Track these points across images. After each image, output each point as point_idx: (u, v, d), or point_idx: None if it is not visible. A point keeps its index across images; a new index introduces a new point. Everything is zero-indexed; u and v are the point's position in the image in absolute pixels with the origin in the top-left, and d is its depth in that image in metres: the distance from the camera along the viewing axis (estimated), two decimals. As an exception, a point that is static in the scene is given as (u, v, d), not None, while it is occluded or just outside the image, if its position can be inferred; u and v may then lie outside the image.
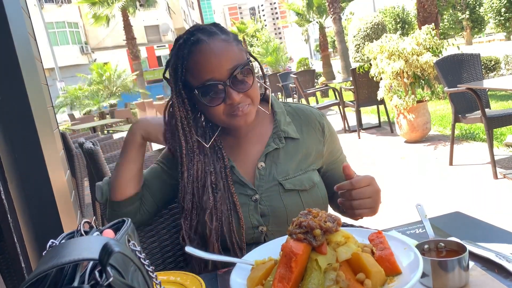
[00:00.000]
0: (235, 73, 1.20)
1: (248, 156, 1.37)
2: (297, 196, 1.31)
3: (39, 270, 0.50)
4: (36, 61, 2.35)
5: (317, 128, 1.41)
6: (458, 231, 1.06)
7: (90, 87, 21.34)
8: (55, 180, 1.95)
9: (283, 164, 1.34)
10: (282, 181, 1.31)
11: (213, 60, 1.19)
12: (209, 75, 1.19)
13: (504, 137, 5.26)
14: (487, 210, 3.41)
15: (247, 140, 1.38)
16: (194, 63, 1.21)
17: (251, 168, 1.34)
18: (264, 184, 1.31)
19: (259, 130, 1.39)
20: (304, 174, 1.35)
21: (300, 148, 1.37)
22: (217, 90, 1.21)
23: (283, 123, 1.38)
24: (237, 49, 1.25)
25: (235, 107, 1.22)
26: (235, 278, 0.85)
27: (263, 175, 1.32)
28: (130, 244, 0.63)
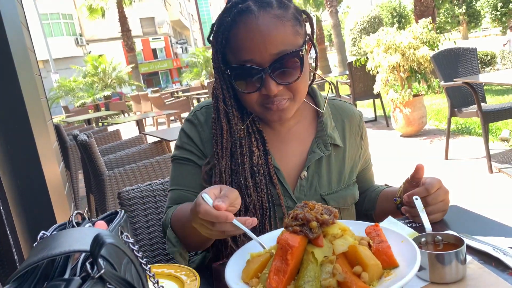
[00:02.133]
0: (279, 61, 1.01)
1: (290, 157, 1.20)
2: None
3: (29, 262, 0.48)
4: (29, 51, 2.32)
5: (357, 132, 1.28)
6: (455, 225, 1.05)
7: (85, 79, 21.21)
8: (48, 172, 1.93)
9: (326, 176, 1.20)
10: (325, 195, 1.18)
11: (256, 39, 1.00)
12: (248, 56, 1.02)
13: (500, 131, 5.28)
14: (482, 204, 3.42)
15: (289, 137, 1.21)
16: (235, 37, 1.03)
17: (291, 174, 1.19)
18: (304, 197, 1.17)
19: (302, 127, 1.23)
20: (347, 189, 1.23)
21: (343, 157, 1.23)
22: (253, 76, 1.03)
23: (329, 127, 1.21)
24: (291, 31, 1.03)
25: (271, 99, 1.05)
26: (230, 271, 0.84)
27: (304, 186, 1.18)
28: (123, 236, 0.61)
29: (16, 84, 1.78)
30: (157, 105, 12.39)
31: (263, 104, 1.08)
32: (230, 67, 1.06)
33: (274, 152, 1.19)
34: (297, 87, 1.07)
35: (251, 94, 1.06)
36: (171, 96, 16.48)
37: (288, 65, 1.03)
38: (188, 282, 0.91)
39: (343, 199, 1.21)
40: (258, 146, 1.15)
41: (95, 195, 3.60)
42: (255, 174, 1.13)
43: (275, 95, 1.04)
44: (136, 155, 3.84)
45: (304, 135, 1.22)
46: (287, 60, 1.02)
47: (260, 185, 1.13)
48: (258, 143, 1.15)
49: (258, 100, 1.08)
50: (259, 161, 1.14)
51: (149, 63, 39.57)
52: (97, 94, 19.91)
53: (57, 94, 20.38)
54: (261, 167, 1.14)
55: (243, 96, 1.08)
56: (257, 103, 1.08)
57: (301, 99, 1.12)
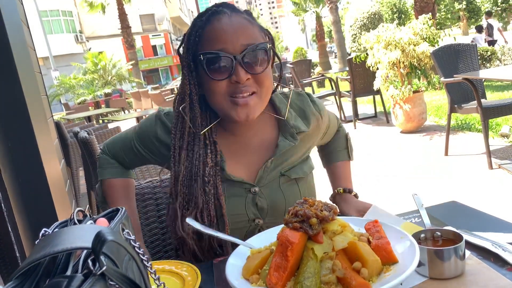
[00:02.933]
0: (249, 51, 1.10)
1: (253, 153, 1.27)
2: (295, 185, 1.27)
3: (31, 259, 0.49)
4: (29, 49, 2.32)
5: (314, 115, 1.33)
6: (454, 221, 1.06)
7: (85, 76, 21.19)
8: (49, 169, 1.94)
9: (290, 158, 1.28)
10: (285, 172, 1.26)
11: (229, 31, 1.10)
12: (220, 45, 1.09)
13: (500, 127, 5.28)
14: (482, 200, 3.43)
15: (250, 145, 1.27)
16: (208, 31, 1.12)
17: (255, 165, 1.25)
18: (266, 176, 1.24)
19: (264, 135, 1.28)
20: (305, 161, 1.32)
21: (306, 139, 1.31)
22: (225, 63, 1.10)
23: (290, 118, 1.28)
24: (259, 32, 1.16)
25: (239, 89, 1.11)
26: (231, 267, 0.84)
27: (267, 169, 1.24)
28: (124, 233, 0.62)
29: (17, 81, 1.78)
30: (157, 101, 12.39)
31: (231, 97, 1.13)
32: (203, 53, 1.11)
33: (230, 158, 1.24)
34: (263, 81, 1.14)
35: (221, 82, 1.11)
36: (171, 93, 16.44)
37: (257, 56, 1.12)
38: (189, 279, 0.92)
39: (301, 170, 1.29)
40: (212, 158, 1.20)
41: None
42: (205, 184, 1.19)
43: (244, 83, 1.11)
44: (136, 152, 3.83)
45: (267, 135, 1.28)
46: (256, 51, 1.12)
47: (208, 195, 1.18)
48: (212, 155, 1.21)
49: (227, 91, 1.13)
50: (211, 172, 1.19)
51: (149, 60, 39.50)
52: (97, 91, 19.90)
53: (57, 92, 20.36)
54: (212, 177, 1.19)
55: (213, 85, 1.13)
56: (225, 95, 1.13)
57: (266, 96, 1.18)
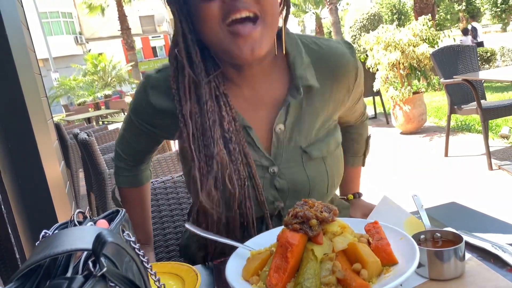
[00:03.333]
0: None
1: (261, 117, 1.07)
2: (321, 163, 1.09)
3: (31, 261, 0.49)
4: (29, 51, 2.32)
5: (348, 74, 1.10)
6: (454, 222, 1.06)
7: (85, 77, 21.20)
8: (49, 171, 1.94)
9: (307, 125, 1.07)
10: (306, 147, 1.07)
11: None
12: None
13: (499, 128, 5.28)
14: (482, 201, 3.43)
15: (260, 98, 1.07)
16: None
17: (266, 132, 1.06)
18: (283, 152, 1.06)
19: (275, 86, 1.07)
20: (330, 135, 1.12)
21: (326, 101, 1.08)
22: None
23: (299, 67, 1.04)
24: None
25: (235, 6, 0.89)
26: (231, 269, 0.84)
27: (281, 141, 1.06)
28: (124, 234, 0.62)
29: (17, 83, 1.78)
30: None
31: (229, 27, 0.92)
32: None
33: (245, 114, 1.06)
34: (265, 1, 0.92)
35: (212, 3, 0.90)
36: (171, 94, 16.41)
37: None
38: (189, 280, 0.92)
39: (326, 146, 1.10)
40: (227, 110, 1.02)
41: (96, 194, 3.60)
42: (228, 142, 1.01)
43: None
44: (136, 153, 3.83)
45: (277, 87, 1.07)
46: None
47: (234, 154, 1.02)
48: (226, 107, 1.02)
49: (220, 15, 0.91)
50: (230, 127, 1.02)
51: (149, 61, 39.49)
52: (97, 92, 19.92)
53: (57, 93, 20.37)
54: (233, 133, 1.02)
55: (204, 9, 0.92)
56: (220, 21, 0.92)
57: (273, 23, 0.95)
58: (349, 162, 1.37)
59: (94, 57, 21.77)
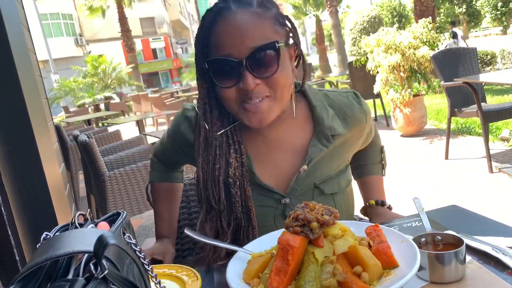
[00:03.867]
0: (256, 53, 1.00)
1: (281, 159, 1.17)
2: (331, 200, 1.17)
3: (33, 263, 0.49)
4: (30, 53, 2.32)
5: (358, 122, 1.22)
6: (454, 225, 1.06)
7: (85, 79, 21.21)
8: (49, 173, 1.94)
9: (325, 166, 1.17)
10: (319, 184, 1.16)
11: (234, 34, 1.01)
12: (226, 50, 1.02)
13: (500, 131, 5.28)
14: (482, 204, 3.43)
15: (278, 145, 1.18)
16: (214, 34, 1.04)
17: (286, 172, 1.16)
18: (299, 187, 1.15)
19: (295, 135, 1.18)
20: (342, 174, 1.21)
21: (344, 145, 1.21)
22: (232, 70, 1.03)
23: (326, 119, 1.16)
24: (270, 27, 1.04)
25: (250, 95, 1.04)
26: (232, 271, 0.84)
27: (300, 178, 1.15)
28: (125, 236, 0.62)
29: (17, 85, 1.78)
30: (157, 105, 12.39)
31: (242, 103, 1.06)
32: (208, 60, 1.05)
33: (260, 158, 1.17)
34: (276, 83, 1.05)
35: (229, 90, 1.05)
36: (171, 96, 16.47)
37: (265, 59, 1.02)
38: (190, 283, 0.92)
39: (337, 184, 1.19)
40: (237, 157, 1.13)
41: (96, 196, 3.60)
42: (230, 186, 1.11)
43: (252, 89, 1.03)
44: (136, 155, 3.84)
45: (298, 137, 1.18)
46: (264, 53, 1.02)
47: (235, 197, 1.11)
48: (236, 154, 1.13)
49: (236, 98, 1.06)
50: (236, 173, 1.12)
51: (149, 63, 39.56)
52: (97, 94, 19.92)
53: (57, 95, 20.38)
54: (238, 179, 1.12)
55: (223, 92, 1.07)
56: (236, 102, 1.07)
57: (282, 97, 1.08)
58: (366, 170, 1.45)
59: (94, 59, 21.78)
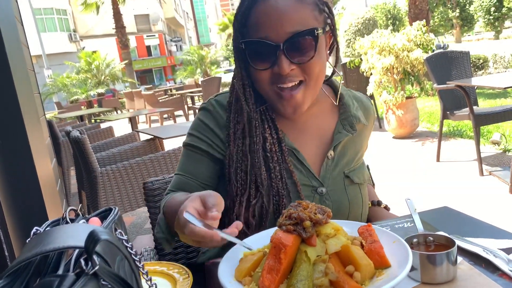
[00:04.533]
0: (294, 38, 1.01)
1: (310, 142, 1.19)
2: (358, 190, 1.20)
3: (22, 258, 0.48)
4: (23, 47, 2.30)
5: (372, 118, 1.31)
6: (446, 226, 1.06)
7: (78, 75, 21.08)
8: (40, 168, 1.92)
9: (350, 154, 1.21)
10: (348, 173, 1.19)
11: (273, 17, 1.01)
12: (264, 32, 1.03)
13: (491, 134, 5.32)
14: (473, 206, 3.45)
15: (307, 127, 1.20)
16: (253, 14, 1.05)
17: (316, 156, 1.18)
18: (329, 175, 1.16)
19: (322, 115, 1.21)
20: (363, 166, 1.28)
21: (364, 137, 1.27)
22: (268, 53, 1.03)
23: (352, 107, 1.22)
24: (310, 13, 1.04)
25: (283, 79, 1.05)
26: (223, 269, 0.84)
27: (329, 165, 1.17)
28: (117, 232, 0.61)
29: (10, 78, 1.76)
30: (150, 102, 12.33)
31: (275, 87, 1.07)
32: (245, 41, 1.06)
33: (292, 138, 1.17)
34: (311, 69, 1.05)
35: (264, 71, 1.06)
36: (165, 94, 16.40)
37: (303, 44, 1.03)
38: (181, 280, 0.91)
39: (362, 175, 1.23)
40: (272, 133, 1.14)
41: (87, 192, 3.58)
42: (269, 160, 1.11)
43: (287, 73, 1.03)
44: (128, 152, 3.82)
45: (324, 122, 1.21)
46: (302, 39, 1.02)
47: (274, 172, 1.11)
48: (271, 130, 1.14)
49: (271, 80, 1.07)
50: (273, 148, 1.12)
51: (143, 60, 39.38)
52: (90, 90, 19.80)
53: (50, 90, 20.23)
54: (275, 154, 1.12)
55: (257, 74, 1.07)
56: (270, 84, 1.07)
57: (316, 85, 1.10)
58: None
59: (87, 55, 21.66)
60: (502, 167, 4.28)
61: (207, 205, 0.85)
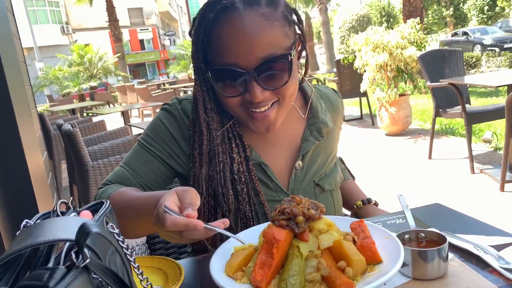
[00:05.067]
0: (266, 64, 0.93)
1: (278, 154, 1.15)
2: (330, 197, 1.18)
3: (11, 250, 0.48)
4: (14, 38, 2.27)
5: (341, 114, 1.28)
6: (437, 223, 1.07)
7: (70, 68, 20.90)
8: (31, 161, 1.90)
9: (321, 160, 1.18)
10: (318, 181, 1.16)
11: (242, 41, 0.92)
12: (232, 59, 0.93)
13: (482, 133, 5.36)
14: (464, 203, 3.48)
15: (275, 137, 1.16)
16: (217, 37, 0.95)
17: (284, 168, 1.14)
18: (299, 187, 1.14)
19: (291, 127, 1.17)
20: (335, 170, 1.22)
21: (332, 139, 1.22)
22: (237, 79, 0.95)
23: (320, 112, 1.18)
24: (280, 32, 0.96)
25: (256, 105, 0.98)
26: (215, 264, 0.84)
27: (299, 176, 1.14)
28: (108, 226, 0.61)
29: (0, 70, 1.74)
30: (143, 96, 12.27)
31: (247, 109, 1.00)
32: (212, 68, 0.98)
33: (260, 152, 1.13)
34: (285, 92, 1.00)
35: (233, 98, 0.99)
36: (158, 88, 16.34)
37: (276, 69, 0.96)
38: (173, 275, 0.91)
39: (333, 179, 1.19)
40: (239, 152, 1.08)
41: (78, 186, 3.56)
42: (236, 182, 1.07)
43: (260, 101, 0.97)
44: (120, 146, 3.80)
45: (293, 129, 1.17)
46: (275, 64, 0.95)
47: (241, 194, 1.07)
48: (239, 149, 1.09)
49: (241, 103, 1.00)
50: (240, 168, 1.08)
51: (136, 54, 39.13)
52: (82, 84, 19.65)
53: (41, 83, 20.05)
54: (242, 174, 1.08)
55: (225, 100, 1.00)
56: (240, 108, 1.01)
57: (290, 103, 1.05)
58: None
59: (80, 48, 21.47)
60: (493, 165, 4.31)
61: (183, 203, 0.81)
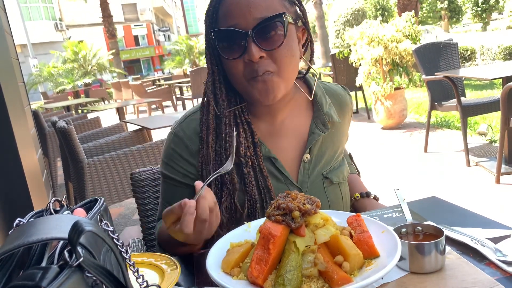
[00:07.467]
0: (262, 24, 1.01)
1: (287, 148, 1.18)
2: (338, 189, 1.22)
3: (4, 249, 0.47)
4: (6, 34, 2.25)
5: (349, 110, 1.31)
6: (434, 216, 1.07)
7: (65, 65, 20.78)
8: (25, 159, 1.89)
9: (327, 153, 1.21)
10: (326, 174, 1.19)
11: (242, 4, 1.02)
12: (233, 21, 1.03)
13: (478, 125, 5.38)
14: (460, 196, 3.49)
15: (283, 129, 1.19)
16: (224, 6, 1.05)
17: (293, 160, 1.18)
18: (307, 179, 1.17)
19: (297, 114, 1.21)
20: (343, 164, 1.26)
21: (340, 134, 1.26)
22: (237, 41, 1.03)
23: (325, 105, 1.21)
24: (279, 2, 1.05)
25: (255, 68, 1.04)
26: (212, 260, 0.83)
27: (307, 169, 1.17)
28: (102, 224, 0.60)
29: (-8, 67, 1.72)
30: (138, 93, 12.21)
31: (250, 78, 1.05)
32: (214, 30, 1.06)
33: (269, 144, 1.17)
34: (281, 58, 1.04)
35: (235, 61, 1.05)
36: (153, 84, 16.26)
37: (271, 30, 1.03)
38: (169, 271, 0.90)
39: (341, 173, 1.23)
40: (247, 137, 1.12)
41: (74, 183, 3.54)
42: (242, 165, 1.11)
43: (257, 60, 1.02)
44: (116, 143, 3.79)
45: (300, 121, 1.20)
46: (270, 24, 1.02)
47: (248, 177, 1.10)
48: (246, 134, 1.13)
49: (243, 72, 1.06)
50: (247, 152, 1.11)
51: (131, 50, 38.96)
52: (77, 80, 19.55)
53: (35, 80, 19.92)
54: (249, 158, 1.11)
55: (229, 65, 1.07)
56: (243, 75, 1.06)
57: (288, 75, 1.09)
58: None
59: (74, 45, 21.34)
60: (489, 157, 4.33)
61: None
